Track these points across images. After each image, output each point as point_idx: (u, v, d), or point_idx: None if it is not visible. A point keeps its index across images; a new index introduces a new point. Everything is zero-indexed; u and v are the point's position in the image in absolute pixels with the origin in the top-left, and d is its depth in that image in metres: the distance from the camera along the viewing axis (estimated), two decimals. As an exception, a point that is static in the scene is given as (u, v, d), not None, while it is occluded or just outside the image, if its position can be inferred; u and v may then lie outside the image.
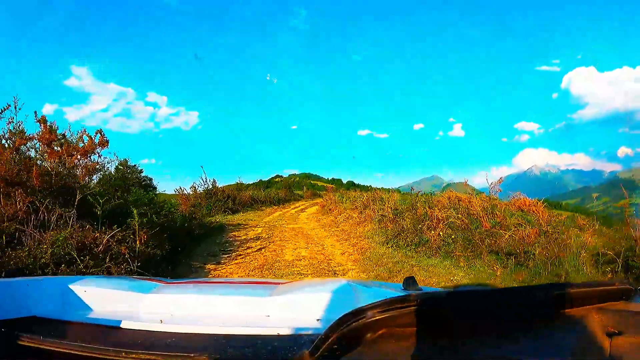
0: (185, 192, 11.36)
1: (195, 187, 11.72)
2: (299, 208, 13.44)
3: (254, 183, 18.86)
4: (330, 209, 10.18)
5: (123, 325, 0.73)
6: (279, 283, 1.06)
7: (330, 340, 0.51)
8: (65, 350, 0.62)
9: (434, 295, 0.56)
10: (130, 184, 7.07)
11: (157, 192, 10.89)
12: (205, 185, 12.03)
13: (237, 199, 12.01)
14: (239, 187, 14.67)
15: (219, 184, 12.93)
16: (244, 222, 8.63)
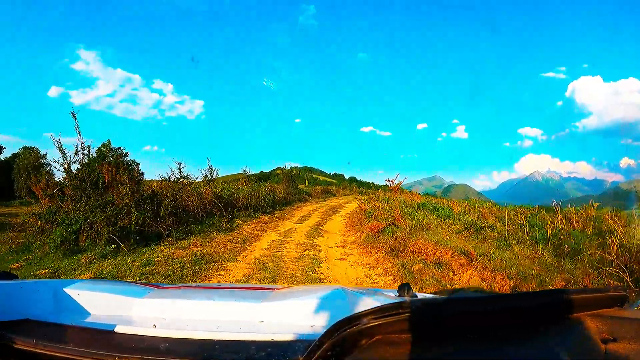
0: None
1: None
2: (312, 222, 7.89)
3: (252, 174, 13.73)
4: (412, 248, 4.28)
5: (117, 329, 0.72)
6: (273, 289, 1.06)
7: (324, 346, 0.51)
8: (58, 354, 0.62)
9: (429, 302, 0.56)
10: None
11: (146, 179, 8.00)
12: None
13: (179, 206, 6.08)
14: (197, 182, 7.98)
15: (220, 174, 8.30)
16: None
